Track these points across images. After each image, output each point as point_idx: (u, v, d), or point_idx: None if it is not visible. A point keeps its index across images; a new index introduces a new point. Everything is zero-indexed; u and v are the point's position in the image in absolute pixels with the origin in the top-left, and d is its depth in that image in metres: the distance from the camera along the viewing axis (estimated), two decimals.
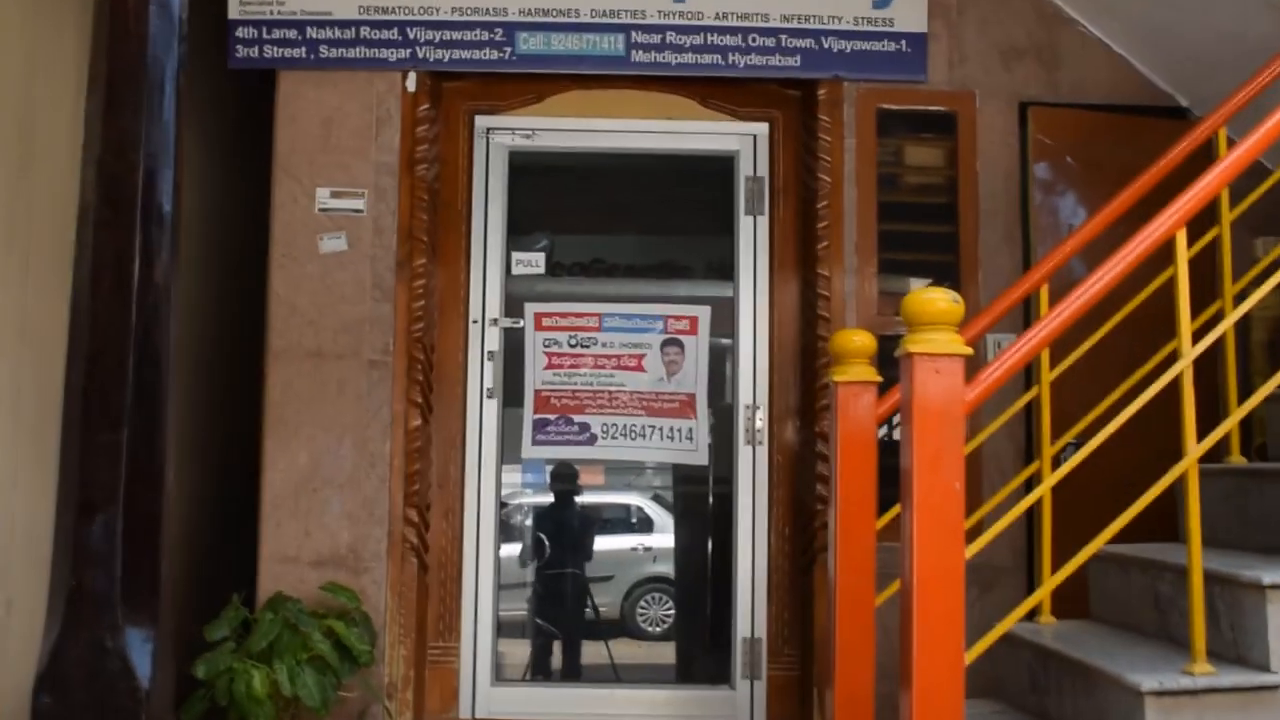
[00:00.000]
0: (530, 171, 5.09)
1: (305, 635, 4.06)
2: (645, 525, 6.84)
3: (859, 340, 3.62)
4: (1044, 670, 3.61)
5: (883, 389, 3.63)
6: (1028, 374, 4.24)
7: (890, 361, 3.62)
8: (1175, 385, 3.15)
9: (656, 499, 6.69)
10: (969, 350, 2.85)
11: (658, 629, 6.53)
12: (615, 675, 5.54)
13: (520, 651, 5.33)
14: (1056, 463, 3.93)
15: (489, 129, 4.94)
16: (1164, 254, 3.20)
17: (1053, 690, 3.54)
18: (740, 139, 4.98)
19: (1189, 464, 3.11)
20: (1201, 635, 3.10)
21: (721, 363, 5.03)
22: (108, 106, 2.92)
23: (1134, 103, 4.89)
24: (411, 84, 4.68)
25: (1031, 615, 4.40)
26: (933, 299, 2.82)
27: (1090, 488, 3.50)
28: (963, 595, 2.78)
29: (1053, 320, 2.98)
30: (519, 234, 5.00)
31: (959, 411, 2.81)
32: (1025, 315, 4.61)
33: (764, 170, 4.94)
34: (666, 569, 6.60)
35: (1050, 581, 3.29)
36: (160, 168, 2.94)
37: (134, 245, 2.89)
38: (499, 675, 4.88)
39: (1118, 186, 4.04)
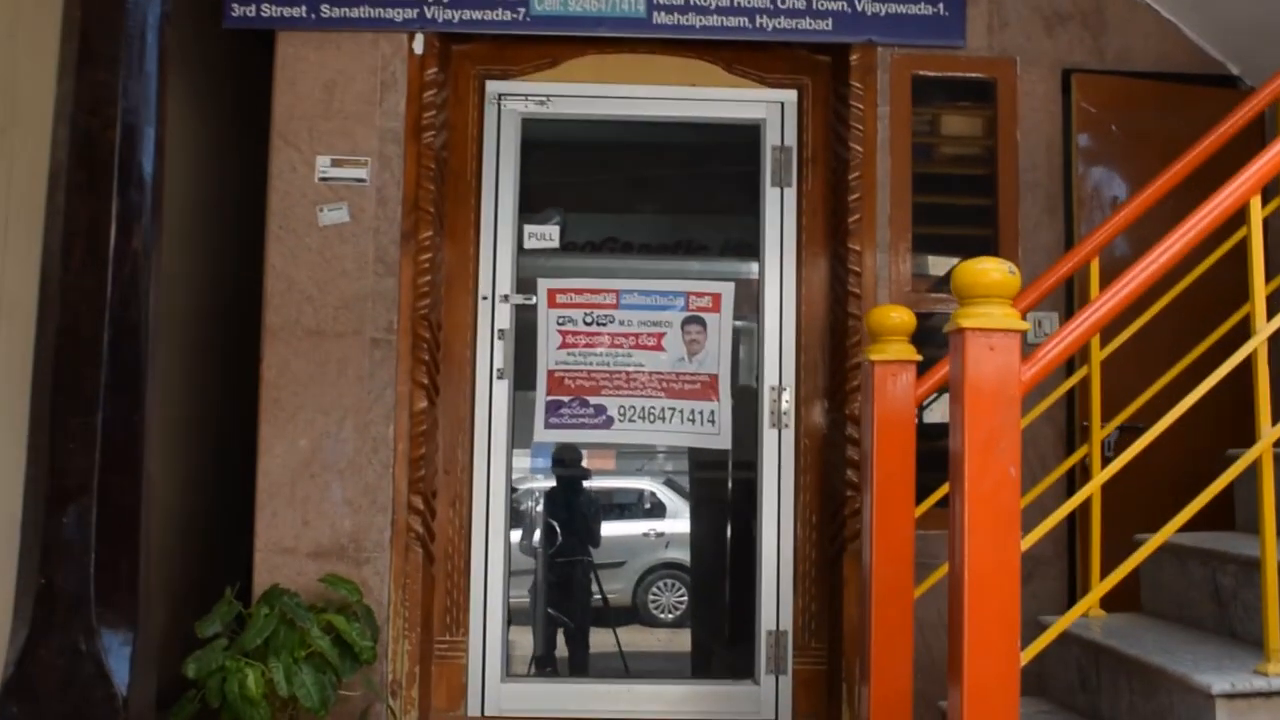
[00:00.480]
0: (543, 146, 4.88)
1: (303, 631, 3.85)
2: (657, 511, 6.74)
3: (897, 316, 3.43)
4: (1095, 668, 3.43)
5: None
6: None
7: (923, 341, 3.49)
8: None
9: (669, 484, 6.57)
10: (1026, 325, 2.65)
11: (670, 616, 6.41)
12: (629, 667, 5.38)
13: (529, 644, 5.14)
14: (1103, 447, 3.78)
15: (501, 95, 4.71)
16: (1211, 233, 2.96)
17: (1105, 689, 3.36)
18: (767, 107, 4.75)
19: (1263, 448, 2.89)
20: (1276, 632, 2.88)
21: (745, 342, 4.82)
22: (81, 56, 2.66)
23: (1182, 70, 4.68)
24: (419, 46, 4.44)
25: (1072, 606, 4.25)
26: (986, 269, 2.62)
27: (1132, 473, 3.27)
28: (1018, 589, 2.61)
29: (1122, 289, 2.73)
30: (530, 212, 4.78)
31: (1015, 391, 2.61)
32: (1067, 294, 4.46)
33: (792, 140, 4.72)
34: (679, 555, 6.49)
35: (1110, 579, 3.06)
36: (140, 125, 2.69)
37: (110, 210, 2.63)
38: (509, 670, 4.69)
39: (1164, 158, 3.84)
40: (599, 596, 5.63)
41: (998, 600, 2.59)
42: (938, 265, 4.62)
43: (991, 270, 2.60)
